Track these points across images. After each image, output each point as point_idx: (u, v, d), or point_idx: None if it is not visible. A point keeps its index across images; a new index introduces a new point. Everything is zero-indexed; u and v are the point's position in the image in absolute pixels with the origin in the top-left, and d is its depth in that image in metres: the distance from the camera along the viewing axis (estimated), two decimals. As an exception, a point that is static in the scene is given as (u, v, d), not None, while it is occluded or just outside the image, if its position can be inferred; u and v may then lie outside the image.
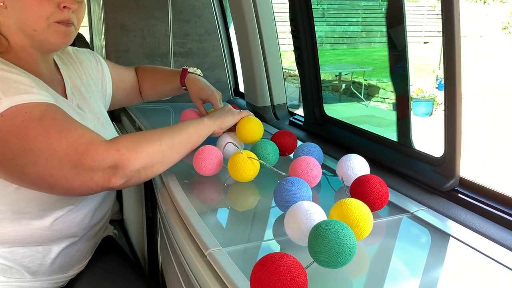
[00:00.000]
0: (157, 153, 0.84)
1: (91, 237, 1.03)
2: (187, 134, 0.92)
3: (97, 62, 1.14)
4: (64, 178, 0.77)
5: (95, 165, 0.77)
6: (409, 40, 1.05)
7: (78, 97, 0.99)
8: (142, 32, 1.79)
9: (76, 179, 0.77)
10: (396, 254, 0.72)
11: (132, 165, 0.80)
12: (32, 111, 0.75)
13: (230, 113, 1.05)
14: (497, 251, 0.70)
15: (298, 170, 0.90)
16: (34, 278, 0.95)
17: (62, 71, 0.99)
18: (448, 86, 0.83)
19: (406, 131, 1.05)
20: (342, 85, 7.40)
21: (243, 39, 1.57)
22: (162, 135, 0.87)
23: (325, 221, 0.64)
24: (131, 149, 0.80)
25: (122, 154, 0.78)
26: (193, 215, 0.82)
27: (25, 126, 0.74)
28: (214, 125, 0.99)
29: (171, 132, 0.89)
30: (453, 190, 0.88)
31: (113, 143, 0.79)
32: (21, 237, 0.88)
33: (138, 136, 0.84)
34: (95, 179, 0.78)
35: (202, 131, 0.96)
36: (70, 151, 0.75)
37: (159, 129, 0.89)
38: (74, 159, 0.76)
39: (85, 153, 0.76)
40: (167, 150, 0.87)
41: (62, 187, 0.79)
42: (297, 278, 0.54)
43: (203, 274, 0.68)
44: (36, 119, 0.75)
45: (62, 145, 0.75)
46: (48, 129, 0.75)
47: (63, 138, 0.76)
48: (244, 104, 1.76)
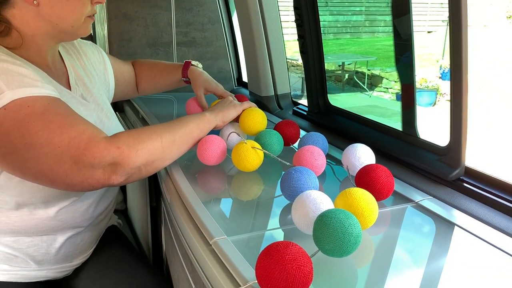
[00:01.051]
0: (157, 150, 0.84)
1: (95, 226, 1.03)
2: (188, 129, 0.92)
3: (100, 55, 1.14)
4: (64, 174, 0.77)
5: (95, 162, 0.77)
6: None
7: (82, 87, 0.99)
8: (145, 21, 1.78)
9: (77, 176, 0.77)
10: (400, 243, 0.72)
11: (132, 163, 0.80)
12: (35, 105, 0.75)
13: (232, 105, 1.04)
14: (502, 240, 0.70)
15: (302, 159, 0.90)
16: (39, 267, 0.95)
17: (66, 61, 0.99)
18: (454, 74, 0.82)
19: (411, 121, 1.04)
20: (345, 75, 7.36)
21: (246, 28, 1.56)
22: (163, 131, 0.86)
23: (330, 210, 0.64)
24: (131, 146, 0.80)
25: (122, 152, 0.78)
26: (198, 204, 0.82)
27: (27, 120, 0.74)
28: (216, 119, 0.99)
29: (172, 127, 0.89)
30: (459, 180, 0.88)
31: (113, 140, 0.79)
32: (26, 227, 0.88)
33: (139, 133, 0.84)
34: (96, 176, 0.78)
35: (204, 126, 0.96)
36: (71, 147, 0.75)
37: (160, 124, 0.89)
38: (74, 155, 0.76)
39: (86, 149, 0.76)
40: (168, 146, 0.87)
41: (63, 183, 0.79)
42: (302, 267, 0.53)
43: (208, 262, 0.68)
44: (38, 113, 0.75)
45: (63, 140, 0.75)
46: (49, 124, 0.75)
47: (65, 134, 0.75)
48: (248, 94, 1.75)
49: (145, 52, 1.80)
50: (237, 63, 2.01)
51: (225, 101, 1.06)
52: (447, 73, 6.81)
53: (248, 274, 0.60)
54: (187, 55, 1.85)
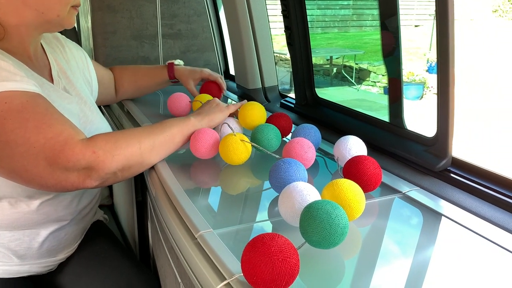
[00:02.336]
0: (135, 156, 0.83)
1: (79, 220, 1.01)
2: (171, 134, 0.89)
3: (83, 55, 1.13)
4: (38, 175, 0.75)
5: (69, 165, 0.75)
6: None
7: (65, 80, 0.97)
8: (130, 13, 1.75)
9: (51, 178, 0.75)
10: (388, 234, 0.72)
11: (107, 168, 0.78)
12: (13, 102, 0.73)
13: (218, 109, 1.01)
14: (489, 230, 0.70)
15: (292, 152, 0.89)
16: (21, 261, 0.93)
17: (48, 54, 0.97)
18: (441, 64, 0.82)
19: (399, 112, 1.04)
20: (333, 69, 7.37)
21: (233, 20, 1.54)
22: (143, 136, 0.84)
23: (317, 201, 0.63)
24: (107, 151, 0.78)
25: (97, 157, 0.77)
26: (183, 197, 0.81)
27: (3, 117, 0.72)
28: (202, 124, 0.96)
29: (153, 133, 0.87)
30: (445, 170, 0.88)
31: (89, 144, 0.77)
32: (8, 221, 0.87)
33: (117, 137, 0.81)
34: (70, 180, 0.77)
35: (187, 131, 0.93)
36: (46, 148, 0.73)
37: (142, 128, 0.87)
38: (49, 157, 0.74)
39: (61, 152, 0.74)
40: (147, 152, 0.85)
41: (37, 184, 0.77)
42: (288, 259, 0.53)
43: (193, 256, 0.67)
44: (15, 110, 0.72)
45: (39, 140, 0.73)
46: (26, 122, 0.73)
47: (41, 134, 0.73)
48: (235, 87, 1.73)
49: (130, 45, 1.77)
50: (224, 55, 1.99)
51: (211, 104, 1.03)
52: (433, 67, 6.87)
53: (234, 267, 0.59)
54: (172, 47, 1.82)
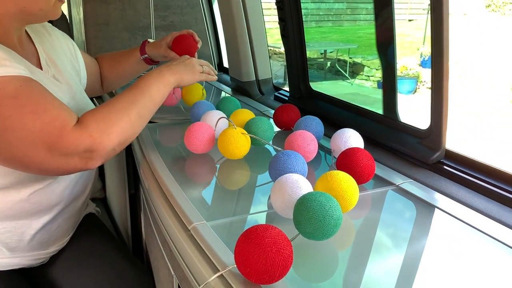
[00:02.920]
0: (127, 129, 0.83)
1: (72, 212, 1.00)
2: (151, 97, 0.89)
3: (71, 44, 1.10)
4: (39, 160, 0.75)
5: (69, 151, 0.76)
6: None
7: (54, 68, 0.95)
8: (122, 4, 1.73)
9: (52, 162, 0.76)
10: (381, 226, 0.72)
11: (106, 147, 0.79)
12: (6, 88, 0.72)
13: (191, 69, 0.98)
14: (482, 222, 0.71)
15: (294, 144, 0.88)
16: (12, 254, 0.92)
17: (36, 43, 0.95)
18: (435, 55, 0.81)
19: (392, 105, 1.04)
20: (327, 63, 7.37)
21: (226, 11, 1.53)
22: (128, 107, 0.84)
23: (310, 193, 0.63)
24: (102, 131, 0.79)
25: (94, 139, 0.77)
26: (176, 189, 0.80)
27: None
28: (175, 81, 0.94)
29: (136, 100, 0.86)
30: (439, 162, 0.88)
31: (83, 129, 0.77)
32: (0, 210, 0.85)
33: (106, 115, 0.81)
34: (72, 163, 0.78)
35: (165, 90, 0.92)
36: (44, 133, 0.74)
37: (124, 97, 0.86)
38: (48, 142, 0.74)
39: (59, 138, 0.75)
40: (137, 121, 0.85)
41: (37, 168, 0.78)
42: (282, 250, 0.52)
43: (186, 248, 0.66)
44: (10, 96, 0.72)
45: (36, 126, 0.73)
46: (22, 108, 0.73)
47: (38, 119, 0.73)
48: (229, 79, 1.72)
49: (123, 36, 1.75)
50: (218, 47, 1.98)
51: (185, 61, 0.99)
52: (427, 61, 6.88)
53: (228, 259, 0.59)
54: (166, 39, 1.81)
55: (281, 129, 1.11)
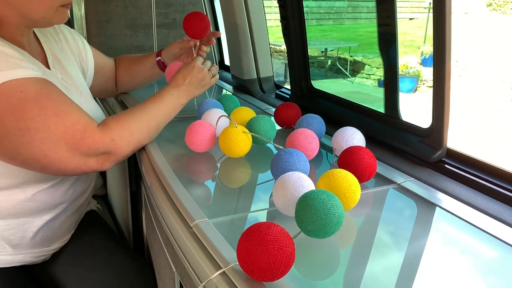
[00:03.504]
0: (145, 138, 0.92)
1: (74, 210, 1.01)
2: (168, 113, 0.97)
3: (81, 41, 1.11)
4: (58, 160, 0.79)
5: (90, 151, 0.81)
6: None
7: (60, 70, 0.96)
8: (124, 1, 1.73)
9: (71, 162, 0.80)
10: (382, 224, 0.72)
11: (124, 152, 0.87)
12: (28, 90, 0.75)
13: (201, 84, 1.05)
14: (483, 220, 0.71)
15: (296, 142, 0.88)
16: (15, 251, 0.93)
17: (43, 43, 0.96)
18: (437, 53, 0.81)
19: (394, 103, 1.04)
20: (328, 61, 7.36)
21: (228, 9, 1.53)
22: (149, 119, 0.91)
23: (312, 191, 0.63)
24: (124, 138, 0.85)
25: (115, 143, 0.84)
26: (178, 186, 0.80)
27: (22, 105, 0.73)
28: (187, 101, 1.03)
29: (156, 114, 0.94)
30: (440, 161, 0.88)
31: (107, 132, 0.83)
32: (3, 208, 0.86)
33: (129, 123, 0.87)
34: (89, 164, 0.82)
35: (179, 108, 1.01)
36: (67, 135, 0.77)
37: (146, 109, 0.92)
38: (70, 143, 0.78)
39: (81, 139, 0.79)
40: (153, 132, 0.94)
41: (55, 169, 0.81)
42: (284, 248, 0.53)
43: (189, 246, 0.67)
44: (32, 99, 0.75)
45: (59, 128, 0.77)
46: (45, 110, 0.76)
47: (61, 122, 0.77)
48: (230, 77, 1.72)
49: (125, 34, 1.75)
50: (219, 45, 1.97)
51: (197, 75, 1.03)
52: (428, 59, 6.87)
53: (230, 256, 0.59)
54: (167, 37, 1.81)
55: (282, 127, 1.11)
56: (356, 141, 0.89)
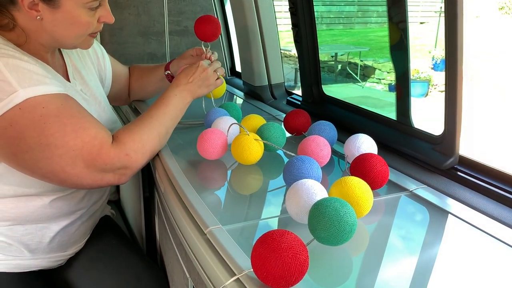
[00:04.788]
0: (157, 147, 0.93)
1: (89, 216, 1.03)
2: (175, 117, 0.98)
3: (99, 49, 1.13)
4: (76, 176, 0.81)
5: (107, 168, 0.82)
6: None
7: (79, 81, 0.98)
8: (137, 9, 1.75)
9: (88, 178, 0.82)
10: (395, 232, 0.72)
11: (139, 165, 0.89)
12: (49, 106, 0.77)
13: (206, 84, 1.05)
14: (496, 228, 0.71)
15: (308, 149, 0.89)
16: (33, 256, 0.95)
17: (64, 55, 0.98)
18: (449, 62, 0.82)
19: (406, 110, 1.04)
20: (338, 65, 7.35)
21: (240, 17, 1.54)
22: (158, 128, 0.93)
23: (325, 199, 0.64)
24: (137, 151, 0.87)
25: (130, 158, 0.85)
26: (192, 193, 0.81)
27: (43, 122, 0.76)
28: (192, 99, 1.04)
29: (164, 120, 0.95)
30: (453, 168, 0.88)
31: (121, 147, 0.85)
32: (22, 214, 0.88)
33: (141, 135, 0.89)
34: (106, 179, 0.84)
35: (185, 110, 1.02)
36: (84, 151, 0.79)
37: (153, 117, 0.93)
38: (87, 159, 0.80)
39: (98, 155, 0.81)
40: (164, 139, 0.95)
41: (73, 183, 0.83)
42: (298, 255, 0.53)
43: (203, 252, 0.68)
44: (53, 115, 0.77)
45: (77, 144, 0.78)
46: (65, 126, 0.78)
47: (79, 138, 0.79)
48: (241, 83, 1.74)
49: (137, 41, 1.78)
50: (231, 52, 1.99)
51: (200, 74, 1.04)
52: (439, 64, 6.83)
53: (244, 263, 0.60)
54: (179, 44, 1.83)
55: (291, 134, 1.12)
56: (368, 148, 0.90)
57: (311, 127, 1.03)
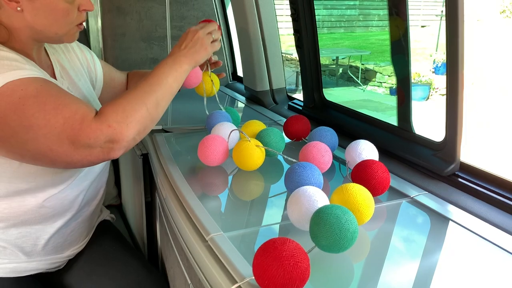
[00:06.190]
0: (145, 117, 0.85)
1: (84, 217, 1.03)
2: (168, 86, 0.91)
3: (89, 53, 1.12)
4: (64, 153, 0.78)
5: (91, 142, 0.79)
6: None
7: (68, 80, 0.98)
8: (139, 15, 1.76)
9: (76, 154, 0.79)
10: (396, 238, 0.72)
11: (126, 137, 0.82)
12: (28, 88, 0.76)
13: (201, 46, 0.98)
14: (497, 235, 0.71)
15: (309, 155, 0.89)
16: (28, 258, 0.95)
17: (51, 55, 0.98)
18: (450, 69, 0.82)
19: (407, 116, 1.05)
20: (339, 69, 7.37)
21: (241, 22, 1.55)
22: (145, 96, 0.86)
23: (327, 206, 0.64)
24: (121, 122, 0.81)
25: (114, 129, 0.80)
26: (193, 199, 0.82)
27: (22, 103, 0.75)
28: (191, 65, 0.96)
29: (153, 89, 0.88)
30: (454, 175, 0.88)
31: (103, 120, 0.80)
32: (16, 214, 0.88)
33: (124, 105, 0.83)
34: (94, 154, 0.80)
35: (182, 78, 0.94)
36: (66, 127, 0.77)
37: (141, 87, 0.88)
38: (70, 135, 0.77)
39: (80, 130, 0.78)
40: (154, 110, 0.87)
41: (63, 161, 0.81)
42: (299, 263, 0.54)
43: (204, 259, 0.68)
44: (32, 95, 0.76)
45: (59, 121, 0.77)
46: (44, 105, 0.76)
47: (60, 114, 0.77)
48: (243, 88, 1.74)
49: (139, 46, 1.78)
50: (232, 57, 2.00)
51: (195, 39, 0.97)
52: (440, 67, 6.84)
53: (245, 270, 0.60)
54: (181, 49, 1.83)
55: (291, 139, 1.12)
56: (369, 154, 0.90)
57: (311, 133, 1.03)
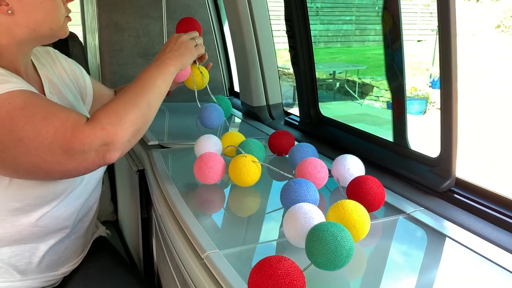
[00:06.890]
0: (139, 119, 0.85)
1: (79, 234, 1.02)
2: (158, 88, 0.91)
3: (78, 69, 1.12)
4: (58, 163, 0.77)
5: (86, 147, 0.78)
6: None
7: (57, 95, 0.98)
8: (136, 31, 1.78)
9: (71, 162, 0.78)
10: (392, 255, 0.72)
11: (121, 139, 0.81)
12: (15, 101, 0.75)
13: (186, 49, 1.00)
14: (493, 252, 0.71)
15: (305, 172, 0.89)
16: (23, 277, 0.94)
17: (39, 70, 0.98)
18: (444, 85, 0.83)
19: (402, 132, 1.05)
20: (336, 83, 7.42)
21: (238, 39, 1.56)
22: (137, 99, 0.87)
23: (322, 223, 0.64)
24: (115, 124, 0.81)
25: (108, 131, 0.79)
26: (189, 217, 0.81)
27: (10, 117, 0.74)
28: (177, 68, 0.98)
29: (143, 91, 0.89)
30: (449, 191, 0.89)
31: (96, 123, 0.79)
32: (9, 234, 0.87)
33: (116, 108, 0.83)
34: (90, 159, 0.79)
35: (169, 80, 0.95)
36: (58, 136, 0.76)
37: (130, 90, 0.88)
38: (63, 144, 0.76)
39: (72, 137, 0.77)
40: (146, 111, 0.87)
41: (58, 171, 0.80)
42: (295, 282, 0.53)
43: (200, 277, 0.67)
44: (20, 108, 0.75)
45: (49, 131, 0.76)
46: (33, 117, 0.76)
47: (50, 125, 0.76)
48: (239, 104, 1.75)
49: (137, 62, 1.80)
50: (229, 73, 2.01)
51: (179, 43, 1.00)
52: (436, 82, 6.89)
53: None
54: (178, 65, 1.85)
55: (274, 154, 1.14)
56: (355, 167, 0.90)
57: (292, 149, 1.04)
